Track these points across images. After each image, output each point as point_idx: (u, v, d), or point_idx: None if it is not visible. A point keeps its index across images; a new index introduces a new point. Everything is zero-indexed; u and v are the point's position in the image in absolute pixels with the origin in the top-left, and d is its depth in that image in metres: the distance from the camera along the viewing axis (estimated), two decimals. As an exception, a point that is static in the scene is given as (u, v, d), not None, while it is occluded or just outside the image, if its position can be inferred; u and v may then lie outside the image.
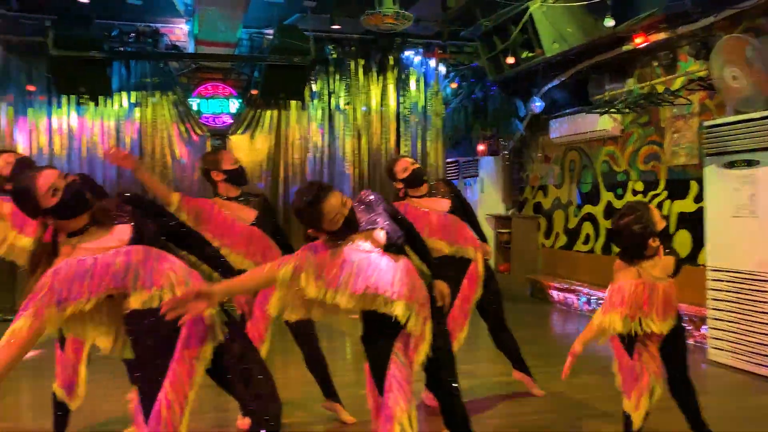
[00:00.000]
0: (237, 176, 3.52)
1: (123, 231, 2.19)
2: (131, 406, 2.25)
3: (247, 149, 8.14)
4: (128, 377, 2.26)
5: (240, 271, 3.21)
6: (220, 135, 8.06)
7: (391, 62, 8.41)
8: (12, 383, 4.91)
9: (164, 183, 2.87)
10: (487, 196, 9.35)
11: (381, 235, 2.43)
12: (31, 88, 7.33)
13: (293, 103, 8.15)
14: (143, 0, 6.58)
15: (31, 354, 5.52)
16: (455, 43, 8.35)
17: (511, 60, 6.75)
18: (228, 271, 2.52)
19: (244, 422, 3.41)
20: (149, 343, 2.18)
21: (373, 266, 2.33)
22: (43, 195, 2.06)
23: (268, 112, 8.24)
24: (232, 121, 8.07)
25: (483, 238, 4.07)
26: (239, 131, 8.13)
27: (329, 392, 3.73)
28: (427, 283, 2.66)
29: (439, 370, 2.68)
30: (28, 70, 7.34)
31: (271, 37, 7.63)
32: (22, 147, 7.38)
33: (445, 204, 3.91)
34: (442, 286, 2.79)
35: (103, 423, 3.80)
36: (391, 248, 2.46)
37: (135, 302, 2.13)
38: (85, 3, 6.35)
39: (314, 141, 8.38)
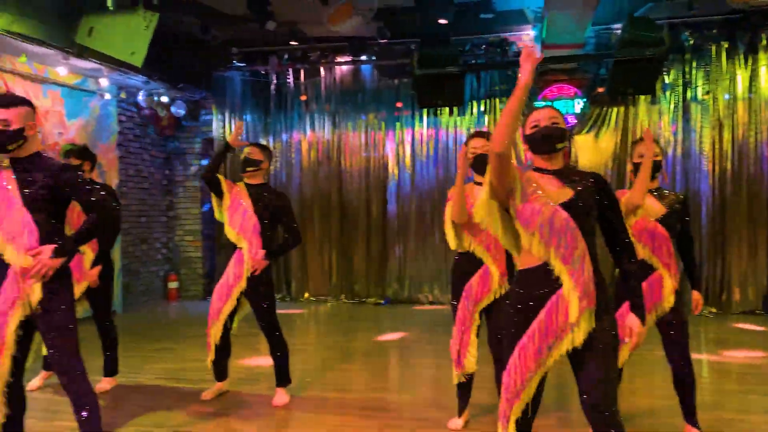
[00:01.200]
0: (639, 168, 3.27)
1: (567, 192, 2.34)
2: None
3: (592, 149, 8.00)
4: None
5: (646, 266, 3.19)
6: (564, 136, 8.09)
7: (764, 42, 7.28)
8: (382, 359, 5.76)
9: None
10: None
11: None
12: (398, 104, 8.48)
13: (642, 97, 7.71)
14: (495, 13, 7.01)
15: (399, 335, 6.36)
16: None
17: None
18: (639, 272, 2.46)
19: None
20: (510, 310, 2.37)
21: None
22: (527, 124, 2.42)
23: (614, 109, 7.96)
24: (576, 121, 8.01)
25: None
26: (584, 131, 8.02)
27: (689, 414, 3.44)
28: None
29: None
30: (396, 89, 8.51)
31: (619, 31, 7.33)
32: (390, 155, 8.59)
33: None
34: None
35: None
36: None
37: (529, 261, 2.33)
38: (445, 24, 7.04)
39: (666, 136, 7.78)
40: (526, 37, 7.88)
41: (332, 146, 8.79)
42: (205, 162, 9.23)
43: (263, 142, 8.99)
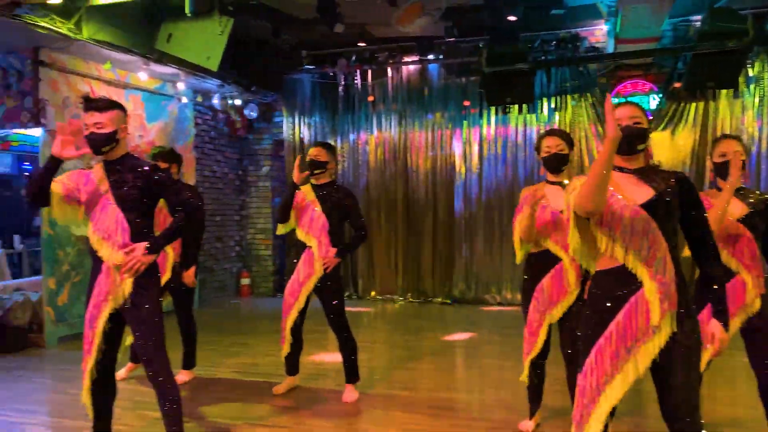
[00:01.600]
0: (721, 169, 3.11)
1: (647, 192, 2.24)
2: None
3: (668, 146, 7.70)
4: None
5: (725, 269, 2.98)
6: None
7: None
8: (449, 359, 5.74)
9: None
10: None
11: None
12: (466, 103, 8.42)
13: (723, 92, 7.34)
14: (566, 8, 6.86)
15: (467, 335, 6.30)
16: None
17: None
18: (723, 277, 2.36)
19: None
20: (586, 311, 2.31)
21: None
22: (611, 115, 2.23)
23: (692, 105, 7.64)
24: (651, 117, 7.73)
25: None
26: (659, 128, 7.73)
27: None
28: None
29: None
30: (464, 87, 8.46)
31: (698, 23, 7.02)
32: (458, 154, 8.54)
33: None
34: None
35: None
36: None
37: (607, 262, 2.25)
38: (514, 20, 6.95)
39: (750, 132, 7.40)
40: (599, 31, 7.67)
41: (399, 146, 8.83)
42: (275, 160, 9.48)
43: (331, 142, 9.12)
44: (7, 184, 9.75)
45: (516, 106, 7.94)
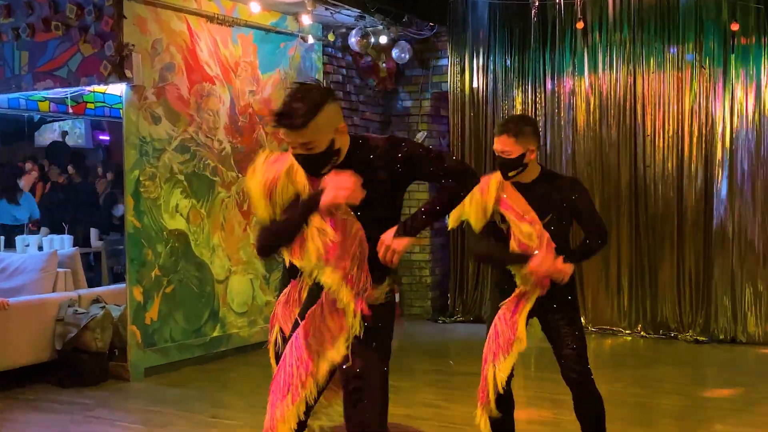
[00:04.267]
0: None
1: None
2: None
3: None
4: None
5: None
6: None
7: None
8: (705, 426, 5.51)
9: None
10: None
11: None
12: (734, 26, 8.02)
13: None
14: None
15: (734, 390, 6.02)
16: None
17: None
18: None
19: None
20: None
21: None
22: None
23: None
24: None
25: None
26: None
27: None
28: None
29: None
30: (731, 4, 8.04)
31: None
32: (718, 111, 8.15)
33: None
34: None
35: None
36: None
37: None
38: None
39: None
40: None
41: (625, 98, 8.60)
42: (434, 121, 9.63)
43: (516, 93, 9.07)
44: (80, 161, 10.69)
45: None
